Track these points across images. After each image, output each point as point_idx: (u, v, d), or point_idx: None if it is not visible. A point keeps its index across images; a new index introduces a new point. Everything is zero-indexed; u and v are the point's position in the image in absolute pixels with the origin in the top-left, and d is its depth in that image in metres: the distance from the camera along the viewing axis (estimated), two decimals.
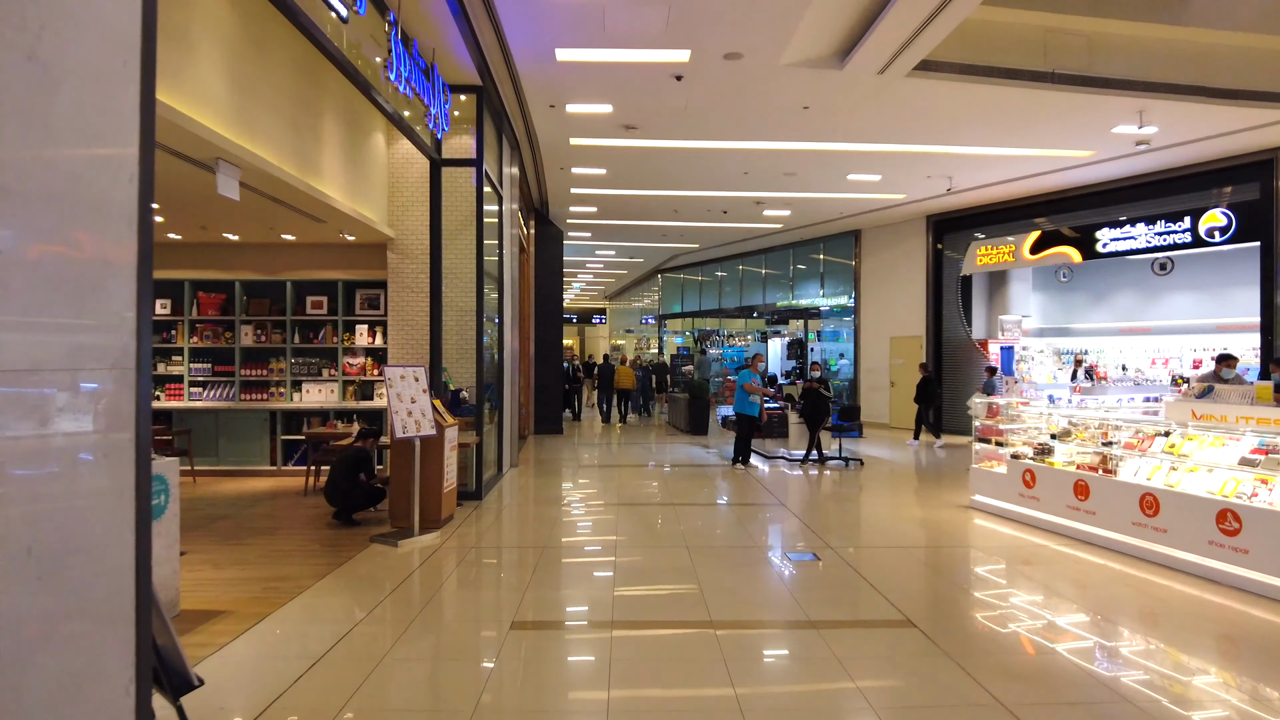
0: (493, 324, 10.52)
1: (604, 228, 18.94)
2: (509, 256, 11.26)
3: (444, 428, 7.41)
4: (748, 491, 9.68)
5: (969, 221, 16.65)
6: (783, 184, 14.10)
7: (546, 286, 16.43)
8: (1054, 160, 12.45)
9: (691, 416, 16.24)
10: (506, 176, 11.25)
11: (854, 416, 11.75)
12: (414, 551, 6.61)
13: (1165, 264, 14.46)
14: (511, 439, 11.43)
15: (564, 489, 9.84)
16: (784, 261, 22.09)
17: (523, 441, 14.79)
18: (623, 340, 37.05)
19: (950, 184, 13.94)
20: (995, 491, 8.17)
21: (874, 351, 18.65)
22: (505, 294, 10.88)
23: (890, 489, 10.06)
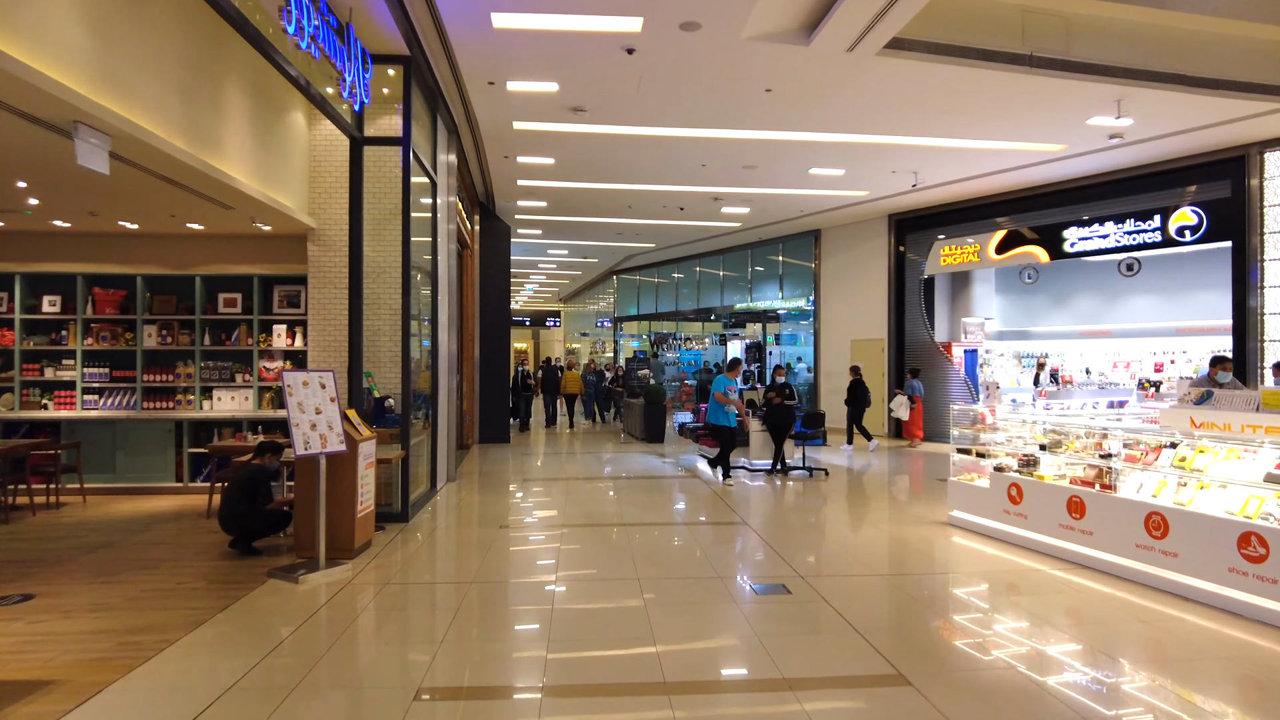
0: (424, 324, 9.53)
1: (555, 225, 18.01)
2: (445, 251, 10.28)
3: (358, 442, 6.42)
4: (707, 507, 8.86)
5: (932, 221, 16.14)
6: (742, 178, 13.36)
7: (493, 285, 15.43)
8: (1023, 155, 11.92)
9: (647, 423, 15.39)
10: (443, 164, 10.28)
11: (818, 424, 11.02)
12: (318, 589, 5.62)
13: (1132, 265, 14.09)
14: (449, 451, 10.44)
15: (504, 507, 8.88)
16: (742, 263, 21.42)
17: (465, 452, 13.78)
18: (578, 344, 36.07)
19: (915, 180, 13.35)
20: (976, 507, 7.46)
21: (834, 354, 18.04)
22: (441, 291, 9.90)
23: (860, 502, 9.33)
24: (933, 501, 9.20)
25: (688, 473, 11.31)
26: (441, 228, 10.09)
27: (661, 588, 5.60)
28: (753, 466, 11.35)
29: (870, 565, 6.32)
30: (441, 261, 9.99)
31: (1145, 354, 19.24)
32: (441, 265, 9.96)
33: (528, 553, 6.78)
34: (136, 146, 5.70)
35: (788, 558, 6.48)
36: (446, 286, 10.43)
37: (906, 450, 14.68)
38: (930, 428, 16.01)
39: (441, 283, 9.96)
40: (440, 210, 10.02)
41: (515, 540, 7.19)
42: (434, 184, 9.59)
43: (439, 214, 9.71)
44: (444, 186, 10.29)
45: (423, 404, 9.27)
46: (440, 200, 10.13)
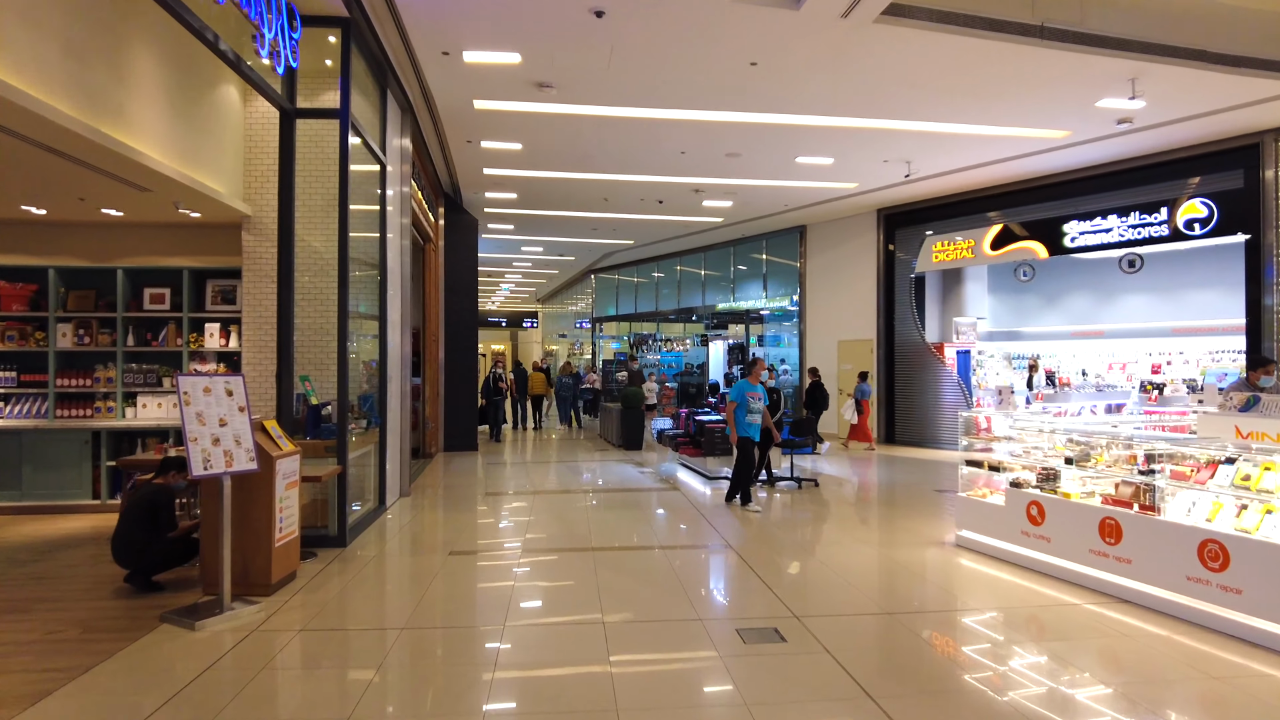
0: (372, 322, 8.57)
1: (527, 219, 17.05)
2: (397, 242, 9.32)
3: (274, 458, 5.45)
4: (688, 527, 7.96)
5: (923, 215, 15.37)
6: (725, 168, 12.49)
7: (460, 282, 14.46)
8: (1025, 143, 11.14)
9: (624, 429, 14.46)
10: (396, 148, 9.33)
11: (808, 430, 10.16)
12: (218, 635, 4.65)
13: (1134, 261, 13.37)
14: (402, 462, 9.47)
15: (459, 528, 7.93)
16: (724, 261, 20.57)
17: (427, 462, 12.80)
18: (556, 345, 35.08)
19: (909, 170, 12.55)
20: (989, 527, 6.62)
21: (821, 356, 17.22)
22: (392, 286, 8.93)
23: (855, 518, 8.47)
24: (934, 517, 8.36)
25: (667, 484, 10.40)
26: (393, 218, 9.14)
27: (633, 639, 4.68)
28: None
29: (875, 599, 5.44)
30: (393, 254, 9.04)
31: (1140, 355, 18.61)
32: (393, 258, 9.00)
33: (477, 589, 5.84)
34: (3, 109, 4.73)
35: (779, 591, 5.59)
36: (400, 281, 9.47)
37: (864, 454, 13.95)
38: (921, 432, 15.23)
39: (393, 276, 8.99)
40: (392, 197, 9.07)
41: (465, 571, 6.25)
42: (384, 168, 8.62)
43: (389, 200, 8.74)
44: (397, 173, 9.34)
45: (369, 411, 8.30)
46: (393, 189, 9.18)
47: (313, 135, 7.77)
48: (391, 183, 9.09)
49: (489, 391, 15.62)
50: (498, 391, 15.82)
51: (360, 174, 8.43)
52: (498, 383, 15.50)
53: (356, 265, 8.49)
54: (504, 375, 15.64)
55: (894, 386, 15.81)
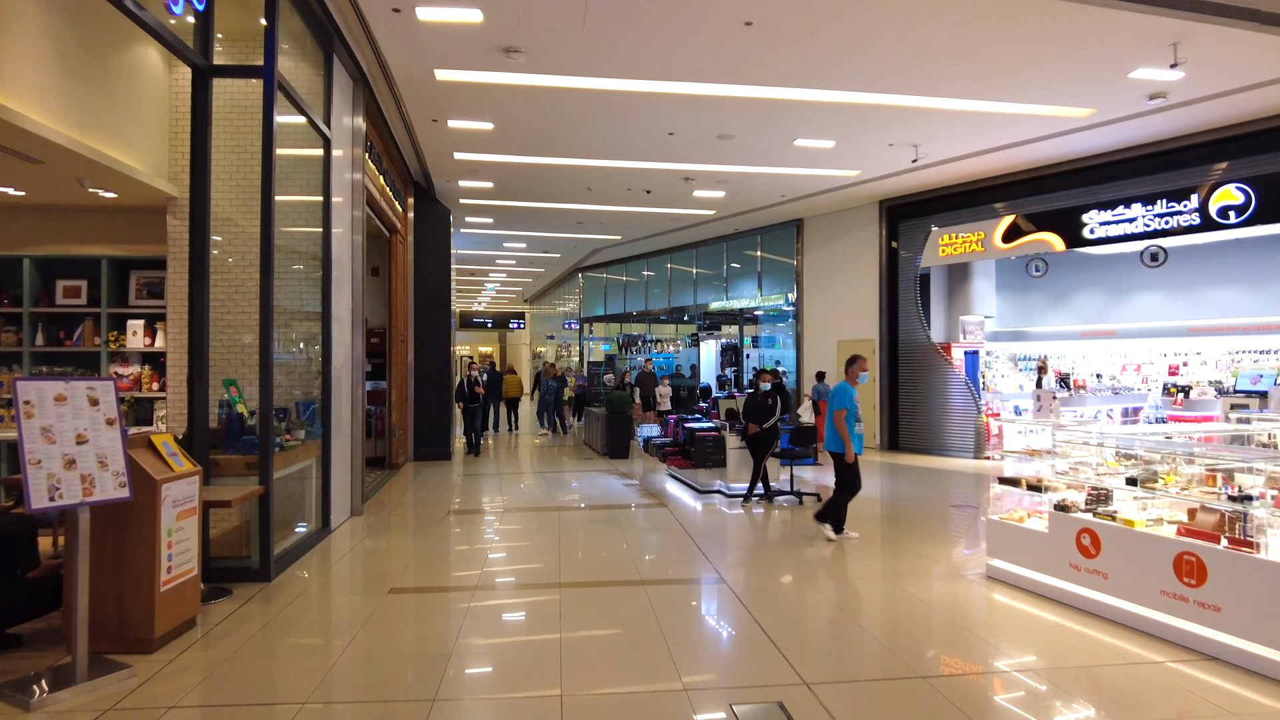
0: (313, 321, 7.52)
1: (507, 212, 15.99)
2: (348, 231, 8.27)
3: (159, 481, 4.39)
4: (674, 554, 6.92)
5: (928, 207, 14.39)
6: (717, 152, 11.46)
7: (432, 278, 13.39)
8: (1044, 123, 10.16)
9: (609, 436, 13.43)
10: (348, 128, 8.32)
11: (809, 439, 9.13)
12: (67, 717, 3.59)
13: (1157, 254, 12.43)
14: (353, 476, 8.41)
15: (410, 556, 6.87)
16: (717, 258, 19.54)
17: (393, 473, 11.73)
18: (544, 347, 34.02)
19: (916, 154, 11.55)
20: (1028, 557, 5.60)
21: (819, 357, 16.21)
22: (338, 280, 7.88)
23: (865, 541, 7.44)
24: (955, 539, 7.35)
25: (654, 500, 9.36)
26: (342, 210, 8.09)
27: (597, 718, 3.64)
28: (730, 491, 9.42)
29: (901, 655, 4.41)
30: (341, 243, 7.98)
31: (1155, 355, 17.69)
32: (340, 247, 7.94)
33: (412, 643, 4.78)
34: None
35: (784, 644, 4.54)
36: (350, 274, 8.41)
37: None
38: (927, 439, 14.23)
39: (340, 268, 7.94)
40: (342, 181, 8.01)
41: (402, 617, 5.19)
42: (327, 143, 7.56)
43: (335, 182, 7.67)
44: (347, 157, 8.29)
45: (310, 419, 7.24)
46: (343, 173, 8.13)
47: (248, 105, 6.75)
48: (340, 164, 8.04)
49: (464, 398, 14.23)
50: (474, 398, 14.12)
51: (298, 151, 7.39)
52: (473, 388, 14.04)
53: (296, 256, 7.45)
54: (477, 378, 14.03)
55: (897, 390, 14.82)
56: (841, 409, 7.09)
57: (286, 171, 7.47)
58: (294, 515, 7.15)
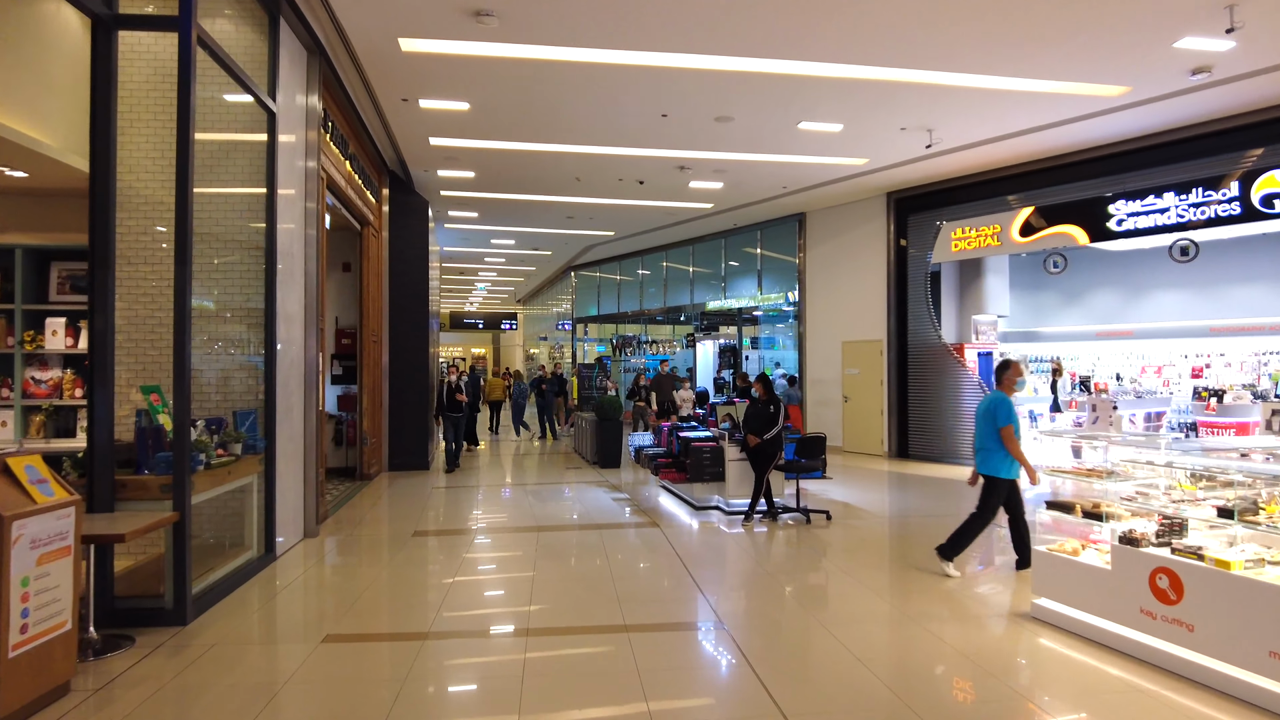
0: (254, 320, 6.62)
1: (493, 206, 15.09)
2: (300, 228, 7.37)
3: (8, 518, 3.49)
4: (666, 589, 6.02)
5: (939, 199, 13.52)
6: (714, 137, 10.57)
7: (408, 274, 12.48)
8: (1072, 103, 9.28)
9: (599, 445, 12.53)
10: (301, 108, 7.45)
11: (818, 451, 8.23)
12: None
13: (1188, 248, 11.53)
14: (308, 493, 7.50)
15: (357, 592, 5.96)
16: (714, 256, 18.63)
17: (364, 484, 10.83)
18: (537, 349, 33.12)
19: (931, 140, 10.67)
20: (1085, 598, 4.70)
21: (822, 359, 15.34)
22: (285, 273, 6.97)
23: (885, 570, 6.55)
24: (986, 567, 6.45)
25: (645, 518, 8.45)
26: (293, 200, 7.19)
27: None
28: (730, 508, 8.53)
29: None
30: (290, 235, 7.08)
31: (1175, 357, 16.83)
32: (289, 239, 7.03)
33: (349, 701, 3.87)
34: None
35: (795, 714, 3.64)
36: (304, 270, 7.51)
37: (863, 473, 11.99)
38: (939, 446, 13.35)
39: (289, 261, 7.03)
40: (289, 167, 7.11)
41: (332, 675, 4.28)
42: (272, 119, 6.65)
43: (280, 165, 6.76)
44: (301, 141, 7.40)
45: (250, 430, 6.33)
46: (299, 163, 7.25)
47: (164, 64, 5.85)
48: (291, 149, 7.14)
49: (444, 407, 12.52)
50: (455, 406, 12.39)
51: (239, 136, 6.50)
52: (454, 394, 12.42)
53: (236, 246, 6.56)
54: (456, 383, 12.35)
55: (907, 394, 13.93)
56: (1009, 424, 6.03)
57: (224, 152, 6.58)
58: (227, 542, 6.25)
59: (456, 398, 12.25)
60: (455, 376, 12.30)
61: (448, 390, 12.26)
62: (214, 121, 6.28)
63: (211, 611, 5.21)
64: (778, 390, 13.07)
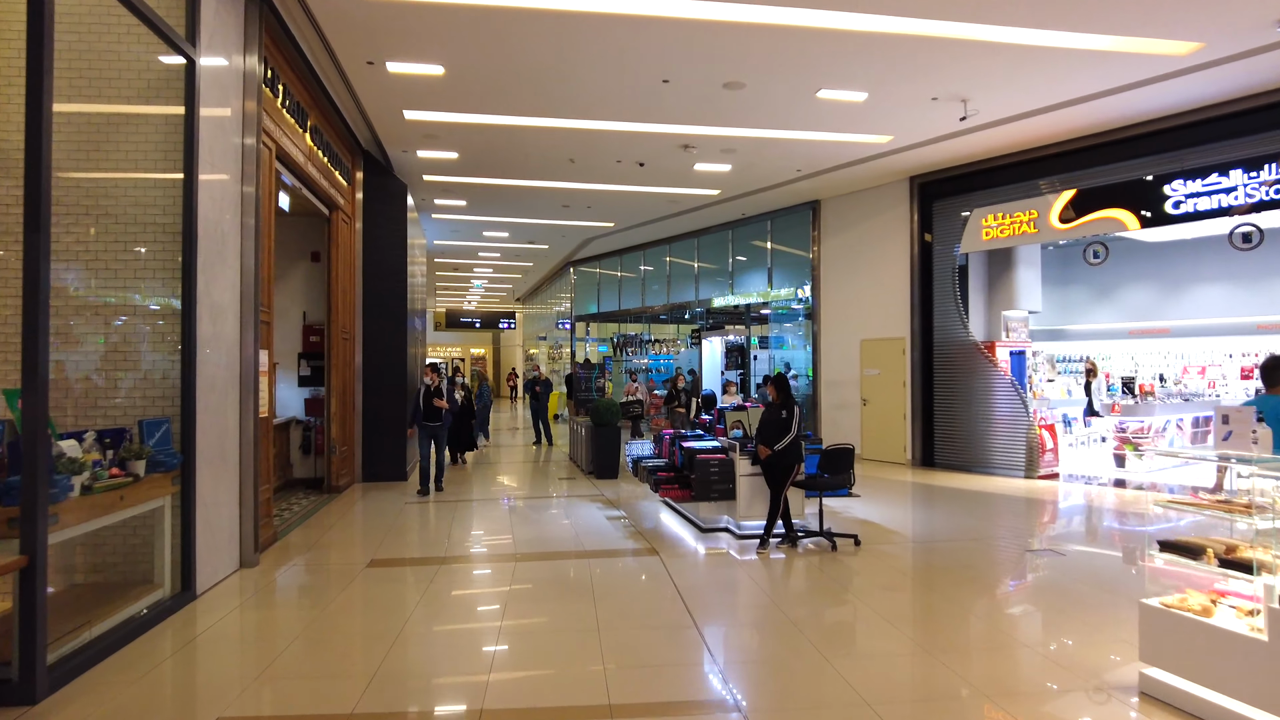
0: (166, 313, 5.49)
1: (481, 193, 13.94)
2: (235, 210, 6.23)
3: None
4: (666, 649, 4.87)
5: (966, 183, 12.33)
6: (722, 107, 9.41)
7: (384, 265, 11.35)
8: (1131, 65, 8.10)
9: (595, 453, 11.38)
10: (235, 68, 6.31)
11: (843, 465, 7.05)
12: None
13: (1250, 234, 10.33)
14: (244, 517, 6.36)
15: (280, 649, 4.81)
16: (721, 249, 17.45)
17: (332, 497, 9.70)
18: (536, 349, 31.98)
19: (965, 112, 9.49)
20: (1224, 675, 3.53)
21: (838, 359, 14.17)
22: (217, 255, 5.84)
23: (933, 616, 5.38)
24: (1054, 610, 5.28)
25: (643, 543, 7.29)
26: (220, 174, 6.06)
27: None
28: (741, 531, 7.36)
29: None
30: (216, 211, 5.94)
31: (1218, 356, 15.63)
32: (214, 215, 5.89)
33: None
34: None
35: None
36: (239, 253, 6.38)
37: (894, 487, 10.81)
38: (968, 454, 12.16)
39: (217, 243, 5.89)
40: (217, 136, 5.98)
41: None
42: (191, 65, 5.51)
43: (201, 127, 5.61)
44: (238, 112, 6.29)
45: (162, 443, 5.20)
46: (234, 139, 6.13)
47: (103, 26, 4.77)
48: (220, 121, 6.01)
49: (419, 416, 10.34)
50: (432, 414, 10.19)
51: (136, 74, 5.37)
52: (431, 402, 10.21)
53: (147, 228, 5.44)
54: (434, 388, 10.26)
55: (932, 396, 12.75)
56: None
57: (126, 115, 5.45)
58: (124, 583, 5.12)
59: (435, 404, 10.24)
60: (431, 380, 10.30)
61: (424, 395, 10.32)
62: (109, 66, 5.16)
63: (79, 681, 4.06)
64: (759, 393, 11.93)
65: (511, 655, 4.46)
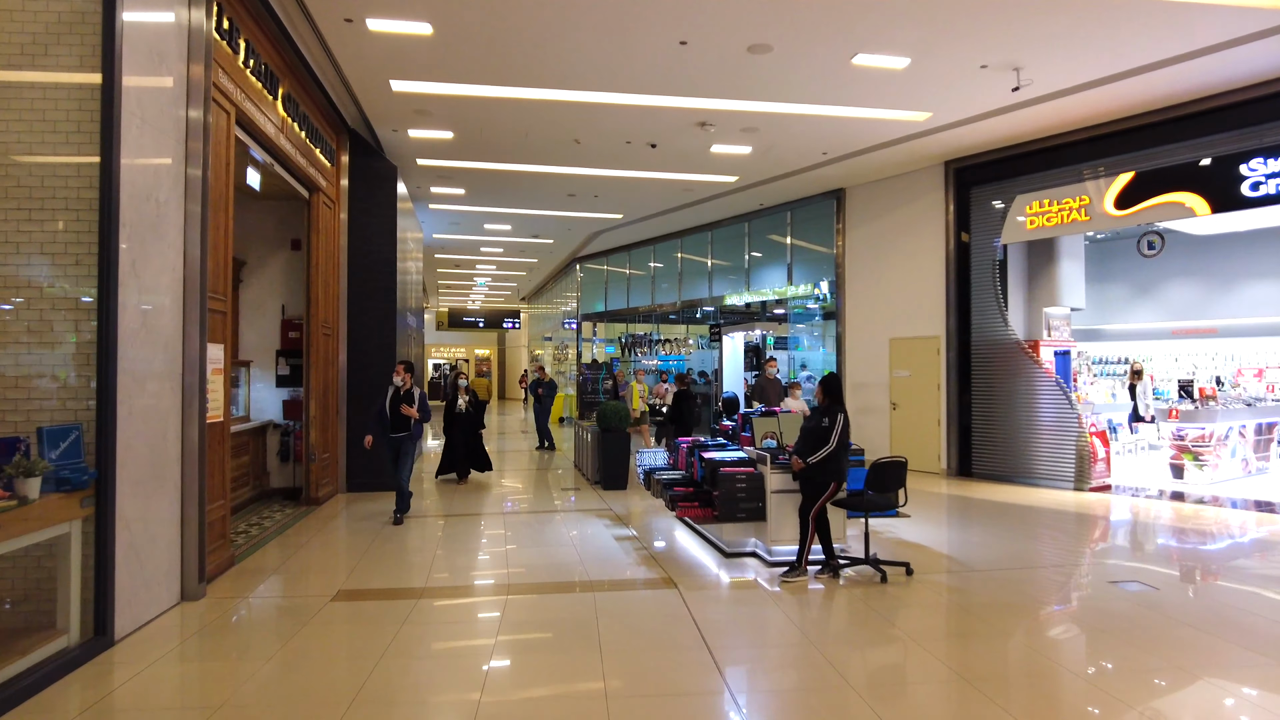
0: (75, 305, 4.52)
1: (480, 179, 12.96)
2: (177, 191, 5.25)
3: None
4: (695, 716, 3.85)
5: (1009, 167, 11.28)
6: (745, 77, 8.40)
7: (372, 256, 10.37)
8: (1215, 22, 7.06)
9: (604, 461, 10.37)
10: (170, 23, 5.33)
11: (894, 481, 6.02)
12: None
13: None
14: (186, 543, 5.36)
15: (200, 712, 3.82)
16: (736, 243, 16.42)
17: (309, 511, 8.72)
18: (541, 350, 31.01)
19: (1019, 81, 8.46)
20: None
21: (865, 360, 13.12)
22: (144, 231, 4.86)
23: (1023, 674, 4.35)
24: (1180, 671, 4.24)
25: (658, 573, 6.25)
26: (150, 113, 5.09)
27: None
28: (772, 557, 6.32)
29: None
30: (151, 177, 4.96)
31: (1273, 357, 14.57)
32: (145, 182, 4.92)
33: None
34: None
35: None
36: (180, 231, 5.40)
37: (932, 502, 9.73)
38: (1010, 463, 11.09)
39: (146, 215, 4.91)
40: (148, 99, 5.01)
41: None
42: (110, 10, 4.54)
43: (119, 66, 4.63)
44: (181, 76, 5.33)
45: (64, 458, 4.22)
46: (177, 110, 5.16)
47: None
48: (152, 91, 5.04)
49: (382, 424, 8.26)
50: (399, 423, 8.12)
51: None
52: (398, 408, 8.13)
53: (61, 206, 4.47)
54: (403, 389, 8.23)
55: (970, 400, 11.70)
56: None
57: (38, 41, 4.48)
58: (12, 631, 4.14)
59: (402, 411, 8.08)
60: (403, 380, 8.24)
61: (390, 400, 8.18)
62: None
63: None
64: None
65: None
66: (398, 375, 8.29)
